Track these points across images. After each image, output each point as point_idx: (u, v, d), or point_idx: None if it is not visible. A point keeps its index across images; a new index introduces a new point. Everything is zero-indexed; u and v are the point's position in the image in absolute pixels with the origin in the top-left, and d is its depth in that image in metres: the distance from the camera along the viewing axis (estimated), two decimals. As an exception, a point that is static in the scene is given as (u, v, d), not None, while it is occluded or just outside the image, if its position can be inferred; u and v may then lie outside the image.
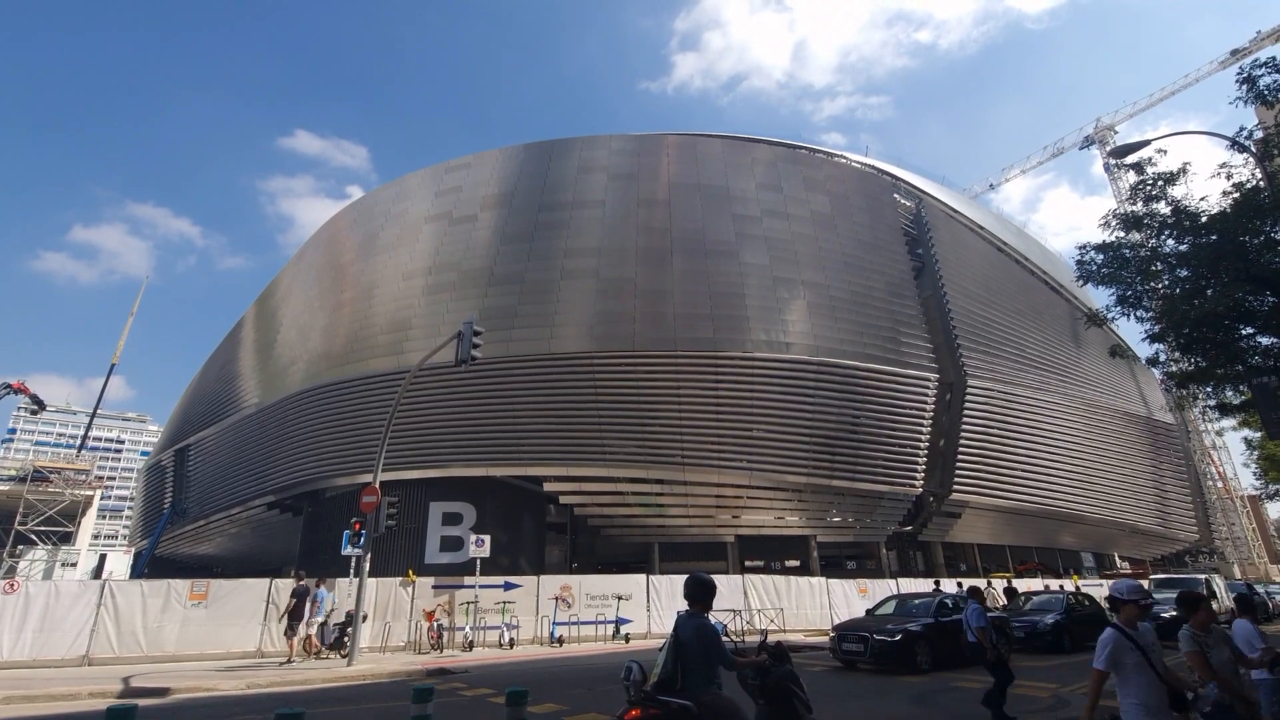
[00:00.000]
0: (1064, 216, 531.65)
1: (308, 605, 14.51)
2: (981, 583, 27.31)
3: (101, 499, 44.93)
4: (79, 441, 58.10)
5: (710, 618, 4.92)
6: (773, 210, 33.13)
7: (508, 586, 19.04)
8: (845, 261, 32.81)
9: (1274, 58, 11.57)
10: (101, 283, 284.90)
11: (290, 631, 14.23)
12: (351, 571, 16.69)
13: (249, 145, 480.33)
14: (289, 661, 14.05)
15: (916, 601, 14.87)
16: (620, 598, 19.62)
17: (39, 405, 43.55)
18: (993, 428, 33.21)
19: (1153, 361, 15.86)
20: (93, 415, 57.24)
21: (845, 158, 39.22)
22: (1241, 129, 12.80)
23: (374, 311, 31.76)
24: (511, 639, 17.69)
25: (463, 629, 17.46)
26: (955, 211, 40.97)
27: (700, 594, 5.03)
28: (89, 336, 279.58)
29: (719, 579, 21.44)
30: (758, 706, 5.50)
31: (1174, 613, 18.87)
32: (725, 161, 34.53)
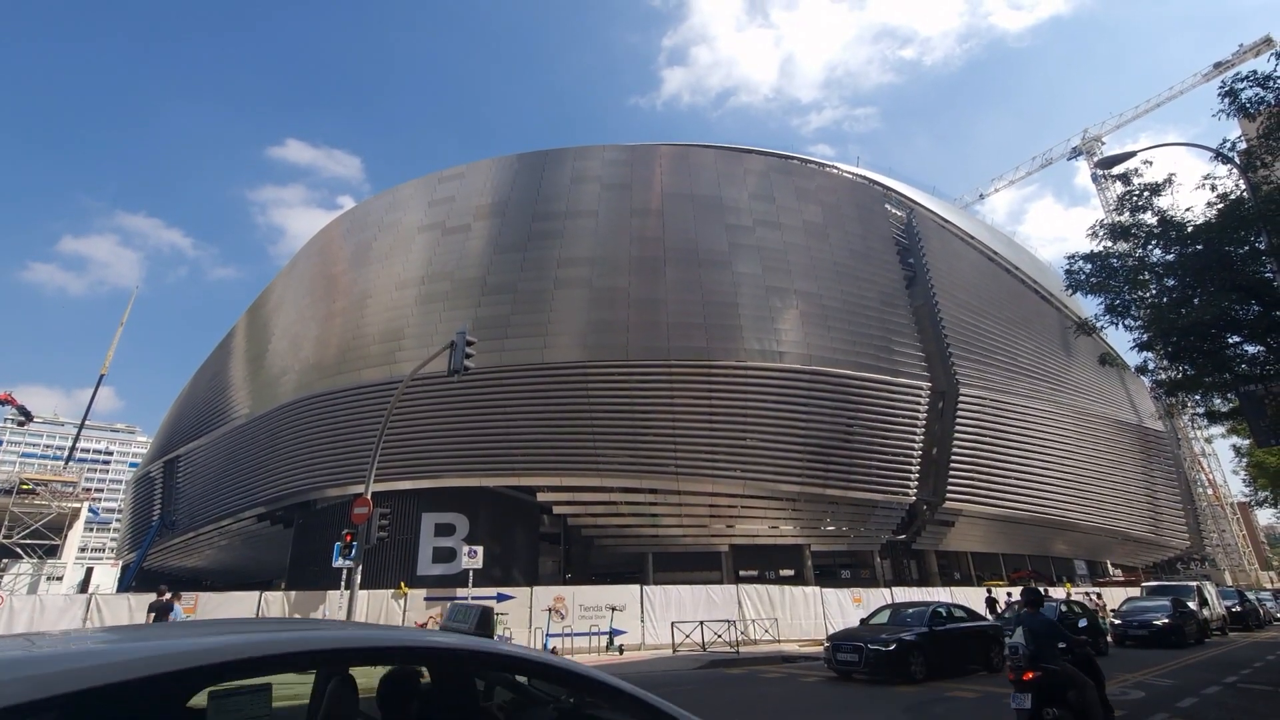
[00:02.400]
0: (1049, 227, 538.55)
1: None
2: (977, 592, 27.32)
3: (89, 511, 44.39)
4: (66, 453, 57.42)
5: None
6: (765, 220, 33.33)
7: (500, 598, 18.89)
8: (837, 271, 33.00)
9: (1255, 71, 11.75)
10: (91, 293, 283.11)
11: None
12: (343, 584, 16.53)
13: (241, 155, 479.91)
14: None
15: (910, 610, 14.88)
16: (614, 609, 19.48)
17: (26, 416, 43.18)
18: (985, 436, 33.36)
19: (1142, 370, 15.99)
20: (80, 426, 56.58)
21: (836, 168, 39.55)
22: (1225, 140, 12.98)
23: (366, 321, 31.66)
24: (504, 651, 17.51)
25: (455, 641, 17.25)
26: (946, 221, 41.33)
27: (1036, 599, 7.59)
28: (78, 347, 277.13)
29: (712, 589, 21.54)
30: None
31: (1167, 620, 18.99)
32: (718, 172, 34.74)
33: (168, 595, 14.31)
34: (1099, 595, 28.47)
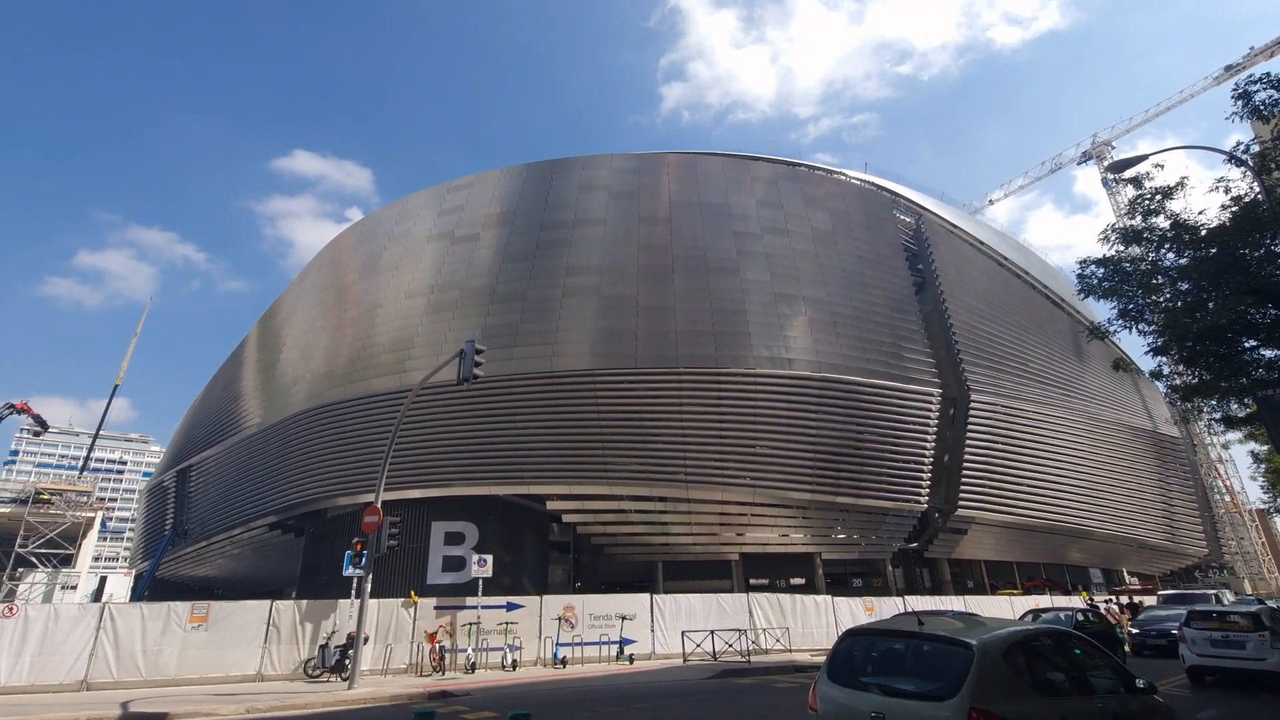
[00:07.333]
0: (1049, 235, 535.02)
1: None
2: (991, 601, 26.97)
3: (103, 521, 44.77)
4: (81, 463, 57.99)
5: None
6: (773, 227, 33.31)
7: (510, 607, 18.85)
8: (846, 277, 32.90)
9: (1269, 73, 11.66)
10: (106, 306, 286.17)
11: None
12: (353, 593, 16.57)
13: (251, 166, 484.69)
14: None
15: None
16: (624, 618, 19.40)
17: (42, 426, 43.64)
18: (997, 442, 33.03)
19: (1156, 375, 15.80)
20: (95, 436, 57.23)
21: (845, 175, 39.51)
22: (1238, 143, 12.88)
23: (376, 331, 31.86)
24: (514, 660, 17.48)
25: (465, 651, 17.26)
26: (955, 227, 41.15)
27: None
28: (92, 359, 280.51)
29: (723, 598, 21.43)
30: None
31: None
32: (725, 179, 34.80)
33: None
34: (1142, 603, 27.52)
